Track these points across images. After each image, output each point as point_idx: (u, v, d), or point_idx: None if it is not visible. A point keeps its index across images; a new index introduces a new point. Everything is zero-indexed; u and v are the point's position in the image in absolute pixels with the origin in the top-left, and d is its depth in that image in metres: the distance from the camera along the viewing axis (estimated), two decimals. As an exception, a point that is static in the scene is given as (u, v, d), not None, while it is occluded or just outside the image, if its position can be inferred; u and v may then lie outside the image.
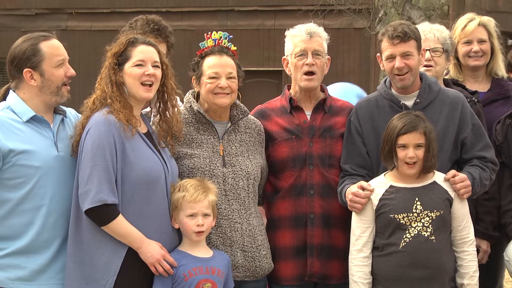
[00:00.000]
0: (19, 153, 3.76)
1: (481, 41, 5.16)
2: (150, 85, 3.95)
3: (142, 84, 3.94)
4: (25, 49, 3.86)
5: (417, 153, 4.05)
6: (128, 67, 3.93)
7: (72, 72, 3.94)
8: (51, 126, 3.92)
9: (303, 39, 4.42)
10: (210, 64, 4.19)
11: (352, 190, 4.16)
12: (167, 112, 4.09)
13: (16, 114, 3.84)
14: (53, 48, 3.91)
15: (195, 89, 4.30)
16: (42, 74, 3.87)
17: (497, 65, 5.22)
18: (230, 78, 4.18)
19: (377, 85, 4.74)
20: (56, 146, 3.88)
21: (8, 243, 3.79)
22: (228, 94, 4.17)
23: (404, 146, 4.06)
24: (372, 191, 4.14)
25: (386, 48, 4.28)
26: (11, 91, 3.94)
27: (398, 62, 4.25)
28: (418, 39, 4.30)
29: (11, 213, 3.79)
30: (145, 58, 3.94)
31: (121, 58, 3.94)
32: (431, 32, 4.88)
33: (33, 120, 3.86)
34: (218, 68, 4.17)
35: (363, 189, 4.15)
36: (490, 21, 5.24)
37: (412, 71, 4.27)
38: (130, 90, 3.94)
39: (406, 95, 4.35)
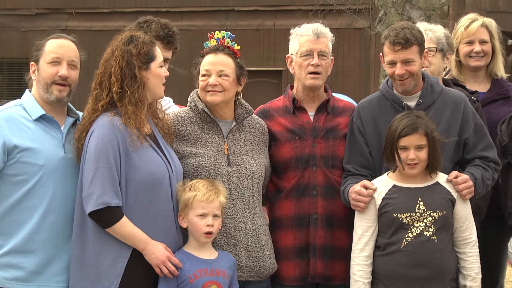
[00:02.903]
0: (23, 150, 3.78)
1: (483, 42, 5.16)
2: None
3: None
4: (36, 44, 3.95)
5: (418, 154, 4.04)
6: (155, 67, 3.96)
7: (63, 73, 3.91)
8: (61, 127, 3.93)
9: (309, 39, 4.41)
10: (204, 62, 4.21)
11: (355, 189, 4.16)
12: (158, 110, 4.13)
13: (26, 111, 3.88)
14: (54, 46, 3.94)
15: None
16: (38, 68, 3.94)
17: (497, 66, 5.22)
18: (222, 76, 4.17)
19: (377, 85, 4.74)
20: (63, 147, 3.89)
21: (6, 240, 3.80)
22: (219, 92, 4.16)
23: (405, 148, 4.06)
24: (375, 190, 4.14)
25: (387, 53, 4.26)
26: (26, 90, 4.02)
27: (398, 69, 4.23)
28: (421, 43, 4.27)
29: (13, 209, 3.81)
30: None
31: (147, 58, 3.95)
32: (424, 32, 4.87)
33: (42, 119, 3.88)
34: (209, 66, 4.18)
35: (366, 188, 4.15)
36: (492, 22, 5.25)
37: (413, 76, 4.26)
38: (152, 91, 3.96)
39: (408, 96, 4.34)
